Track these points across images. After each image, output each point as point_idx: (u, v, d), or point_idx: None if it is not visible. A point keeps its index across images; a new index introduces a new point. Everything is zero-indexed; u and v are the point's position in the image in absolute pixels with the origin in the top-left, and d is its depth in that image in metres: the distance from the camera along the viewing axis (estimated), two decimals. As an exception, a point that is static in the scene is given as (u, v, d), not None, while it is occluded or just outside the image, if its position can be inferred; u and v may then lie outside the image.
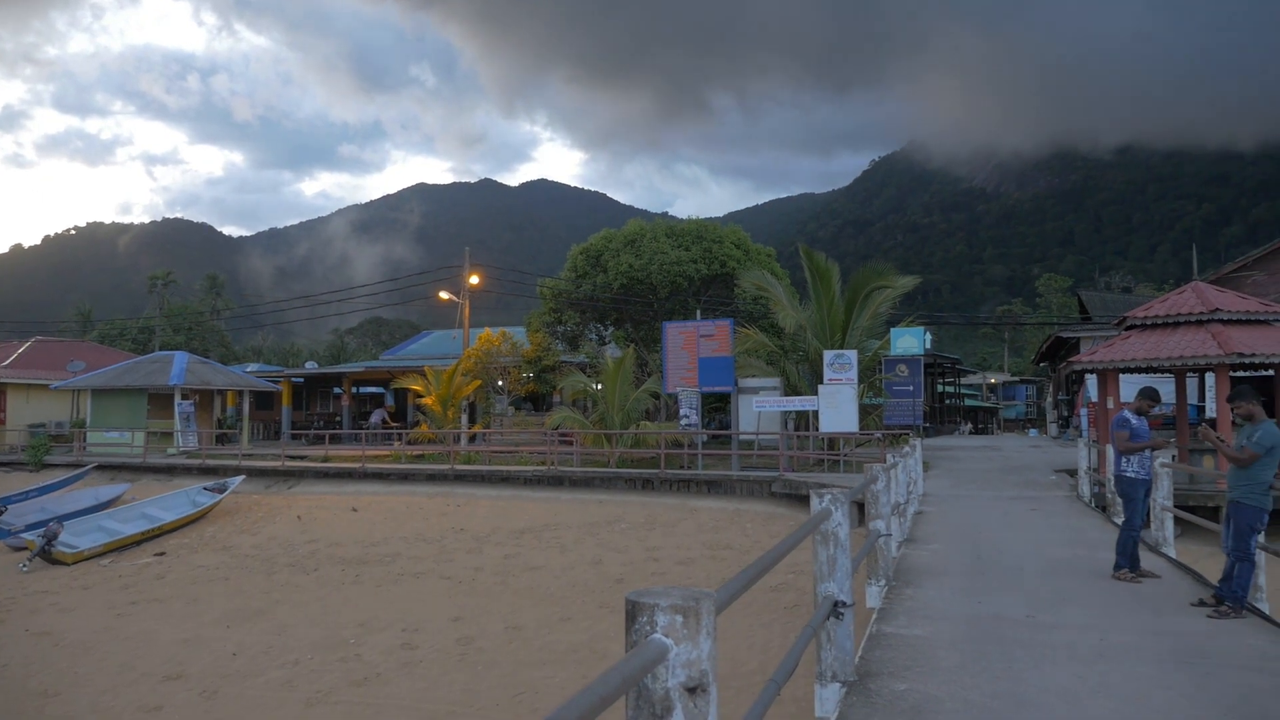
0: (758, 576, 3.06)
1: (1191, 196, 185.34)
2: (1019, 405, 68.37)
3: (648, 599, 2.18)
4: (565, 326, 34.01)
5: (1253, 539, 6.83)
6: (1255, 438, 6.83)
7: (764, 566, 3.21)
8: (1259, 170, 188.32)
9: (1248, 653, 5.75)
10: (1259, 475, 6.82)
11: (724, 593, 2.60)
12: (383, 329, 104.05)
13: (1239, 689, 5.00)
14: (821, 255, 24.56)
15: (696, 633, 2.16)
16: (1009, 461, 23.48)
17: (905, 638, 6.20)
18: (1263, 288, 27.06)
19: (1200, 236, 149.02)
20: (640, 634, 2.17)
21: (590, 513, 20.59)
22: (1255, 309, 16.32)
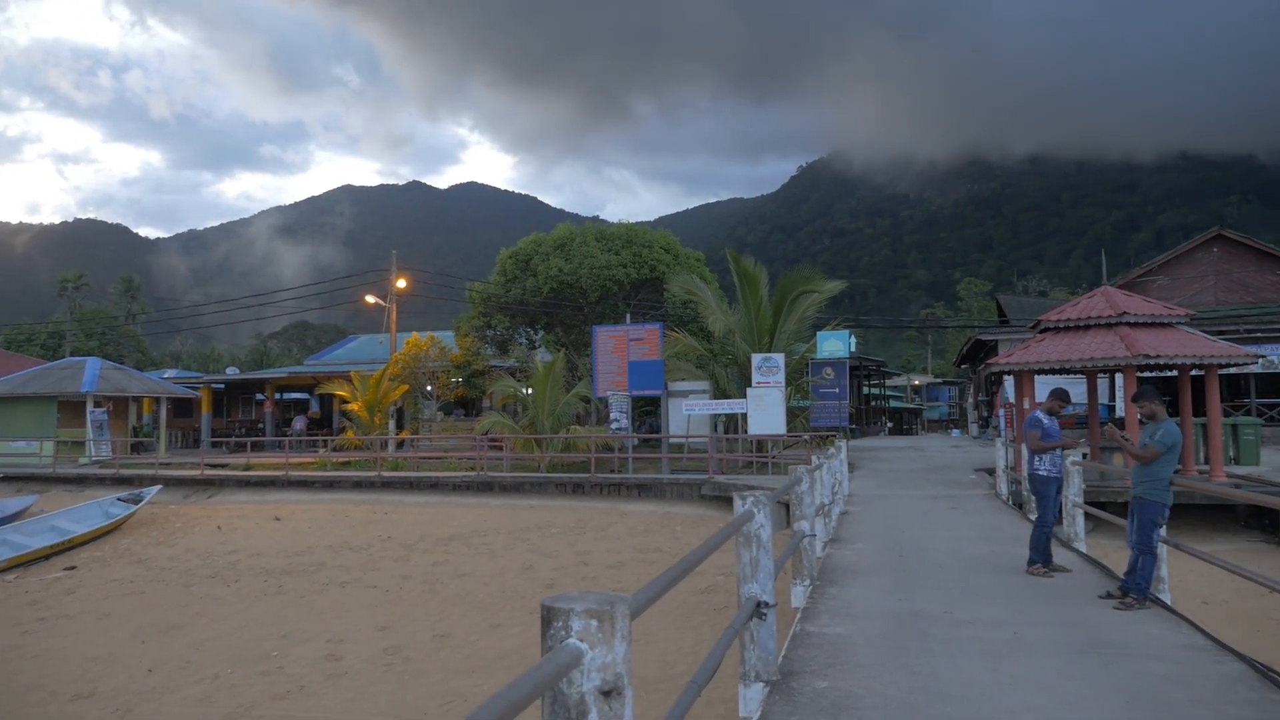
0: (676, 580, 3.09)
1: (1103, 204, 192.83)
2: (942, 406, 70.03)
3: (562, 604, 2.19)
4: (495, 331, 33.75)
5: (1155, 533, 7.13)
6: (1157, 436, 7.14)
7: (682, 570, 3.24)
8: (1165, 179, 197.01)
9: (1149, 642, 6.00)
10: (1160, 472, 7.12)
11: (640, 597, 2.63)
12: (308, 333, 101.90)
13: (1140, 677, 5.22)
14: (749, 260, 24.85)
15: (611, 637, 2.18)
16: (931, 461, 24.05)
17: (828, 636, 6.31)
18: (1167, 291, 28.30)
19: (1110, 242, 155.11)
20: (555, 639, 2.18)
21: (520, 518, 20.47)
22: (1159, 312, 17.02)
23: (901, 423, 59.94)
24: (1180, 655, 5.66)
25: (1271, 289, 29.52)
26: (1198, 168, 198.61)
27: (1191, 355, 15.95)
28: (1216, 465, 16.61)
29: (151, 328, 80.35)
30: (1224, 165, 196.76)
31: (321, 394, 35.68)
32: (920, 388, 73.75)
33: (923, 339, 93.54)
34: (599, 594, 2.25)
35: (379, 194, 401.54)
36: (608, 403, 24.44)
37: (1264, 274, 29.72)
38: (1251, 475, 17.31)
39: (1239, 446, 19.31)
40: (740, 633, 5.06)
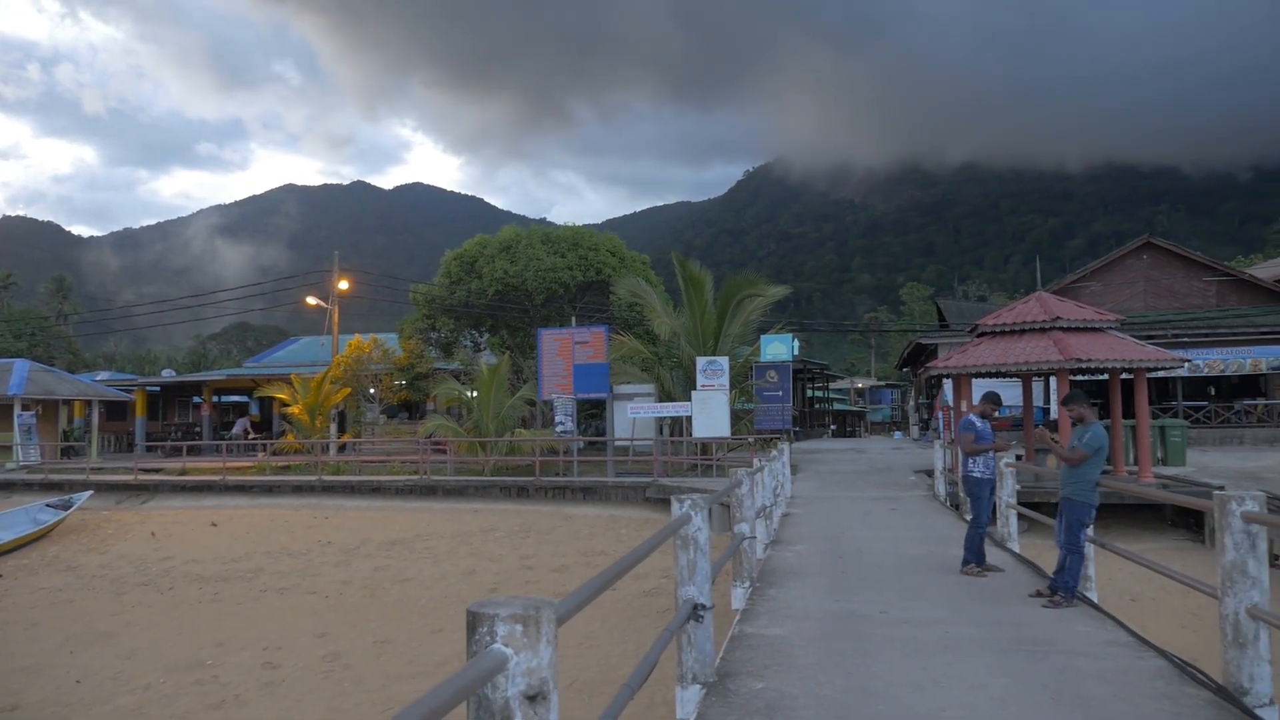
0: (607, 585, 3.10)
1: (1040, 211, 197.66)
2: (885, 409, 71.10)
3: (488, 609, 2.19)
4: (439, 333, 33.46)
5: (1082, 533, 7.33)
6: (1085, 439, 7.34)
7: (614, 574, 3.26)
8: (1099, 188, 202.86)
9: (1075, 639, 6.18)
10: (1088, 474, 7.33)
11: (568, 602, 2.64)
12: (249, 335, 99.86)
13: (1065, 672, 5.37)
14: (695, 264, 25.00)
15: (537, 641, 2.19)
16: (873, 463, 24.42)
17: (766, 637, 6.38)
18: (1099, 297, 29.11)
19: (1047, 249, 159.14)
20: (480, 644, 2.18)
21: (464, 522, 20.31)
22: (1091, 317, 17.51)
23: (845, 425, 60.72)
24: (1104, 651, 5.84)
25: (1198, 295, 30.55)
26: (1129, 178, 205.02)
27: (1121, 359, 16.43)
28: (1145, 466, 17.12)
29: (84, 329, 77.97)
30: (1153, 175, 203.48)
31: (261, 397, 34.98)
32: (864, 390, 74.83)
33: (866, 342, 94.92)
34: (525, 599, 2.25)
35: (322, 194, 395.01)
36: (553, 405, 24.37)
37: (1191, 281, 30.75)
38: (1178, 476, 17.87)
39: (1167, 448, 19.92)
40: (678, 635, 5.09)
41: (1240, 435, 26.07)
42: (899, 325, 77.06)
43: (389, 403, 34.20)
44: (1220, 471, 18.73)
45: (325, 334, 36.80)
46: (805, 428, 42.52)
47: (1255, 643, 4.68)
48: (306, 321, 64.57)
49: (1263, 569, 4.69)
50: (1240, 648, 4.71)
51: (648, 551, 3.98)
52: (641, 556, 3.80)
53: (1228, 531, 4.73)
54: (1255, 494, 4.79)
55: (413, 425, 31.90)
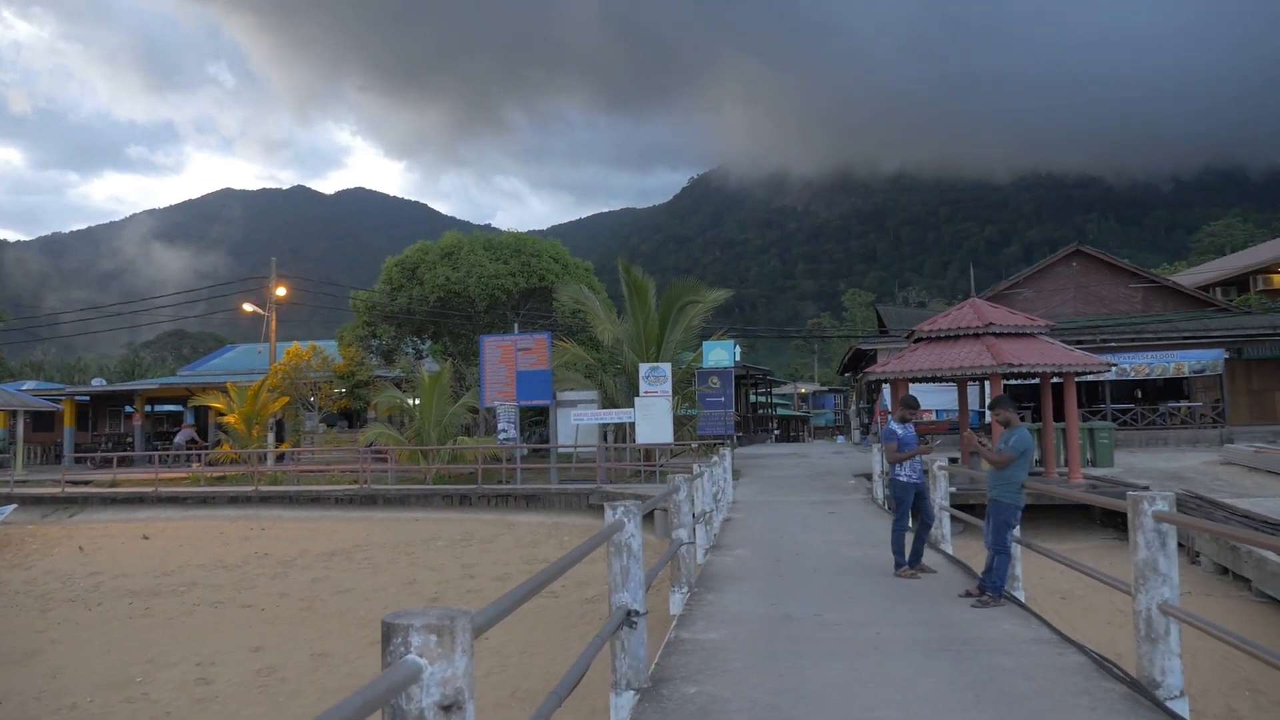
0: (531, 593, 3.11)
1: (976, 219, 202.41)
2: (828, 413, 72.01)
3: (402, 620, 2.19)
4: (380, 340, 33.06)
5: (1008, 534, 7.53)
6: (1011, 442, 7.54)
7: (540, 583, 3.26)
8: (1033, 197, 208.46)
9: (1001, 637, 6.34)
10: (1014, 476, 7.53)
11: (487, 613, 2.64)
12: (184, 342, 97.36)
13: (989, 670, 5.50)
14: (638, 270, 25.08)
15: (452, 651, 2.19)
16: (814, 468, 24.71)
17: (701, 642, 6.43)
18: (1031, 303, 29.89)
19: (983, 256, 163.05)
20: (394, 655, 2.17)
21: (405, 531, 20.08)
22: (1022, 323, 17.97)
23: (789, 430, 61.36)
24: (1028, 649, 6.00)
25: (1124, 301, 31.53)
26: (1061, 187, 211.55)
27: (1051, 364, 16.89)
28: (1075, 467, 17.62)
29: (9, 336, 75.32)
30: (1082, 185, 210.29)
31: (196, 406, 34.14)
32: (807, 395, 75.68)
33: (810, 348, 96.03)
34: (440, 609, 2.25)
35: (261, 198, 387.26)
36: (496, 413, 24.24)
37: (1118, 287, 31.73)
38: (1107, 476, 18.42)
39: (1095, 449, 20.52)
40: (611, 642, 5.11)
41: (1165, 437, 26.95)
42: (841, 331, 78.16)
43: (329, 411, 33.67)
44: (1146, 472, 19.34)
45: (263, 341, 36.10)
46: (748, 433, 42.85)
47: (1166, 637, 4.85)
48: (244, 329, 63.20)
49: (1173, 566, 4.87)
50: (1152, 642, 4.88)
51: (575, 560, 3.99)
52: (569, 565, 3.81)
53: (1140, 531, 4.91)
54: (1165, 494, 4.97)
55: (353, 434, 31.46)
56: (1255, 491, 16.56)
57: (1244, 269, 46.15)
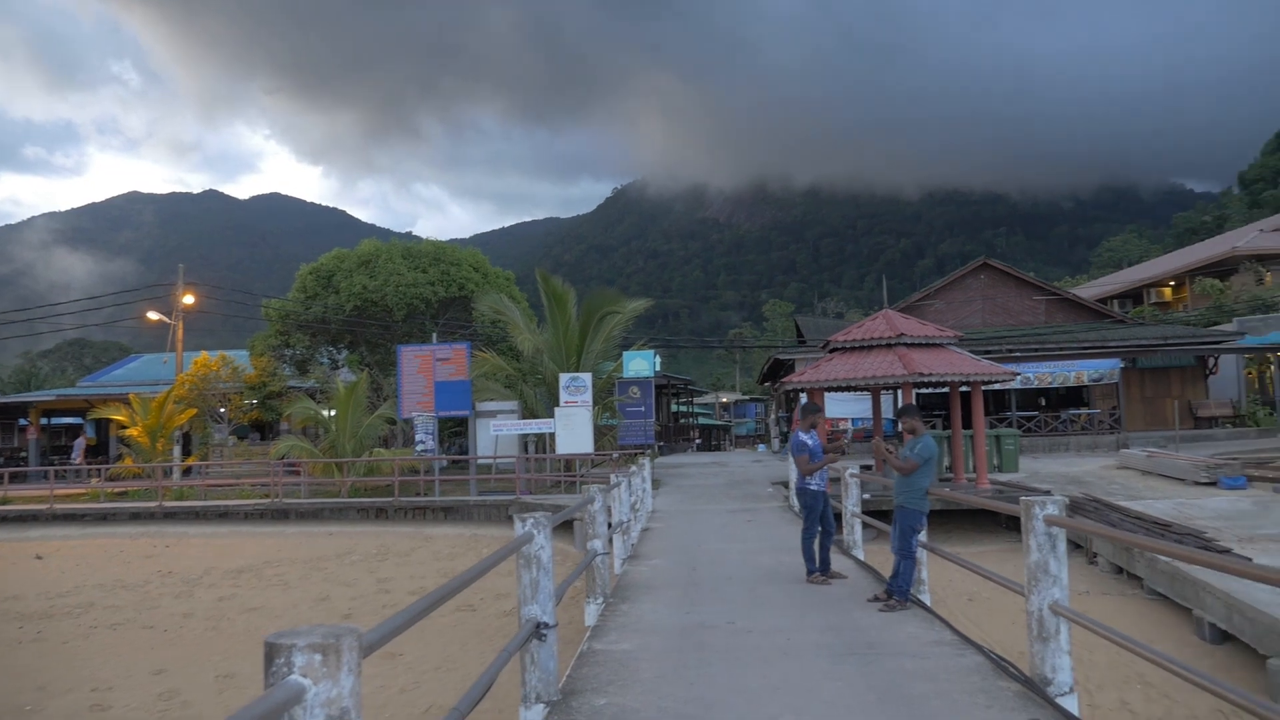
0: (429, 609, 3.07)
1: (892, 232, 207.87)
2: (750, 422, 72.78)
3: (285, 639, 2.15)
4: (294, 350, 32.27)
5: (914, 539, 7.73)
6: (916, 449, 7.75)
7: (439, 598, 3.23)
8: (946, 211, 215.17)
9: (905, 641, 6.50)
10: (919, 483, 7.74)
11: (380, 630, 2.60)
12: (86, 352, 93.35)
13: (892, 673, 5.64)
14: (558, 279, 25.02)
15: (337, 671, 2.15)
16: (733, 477, 24.95)
17: (614, 653, 6.43)
18: (942, 314, 30.79)
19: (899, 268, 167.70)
20: (277, 676, 2.13)
21: (318, 546, 19.61)
22: (932, 334, 18.49)
23: (711, 439, 61.87)
24: (930, 651, 6.17)
25: (1029, 313, 32.73)
26: (969, 203, 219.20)
27: (959, 373, 17.41)
28: (982, 472, 18.17)
29: (-108, 346, 71.11)
30: (990, 201, 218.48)
31: (96, 419, 32.74)
32: (729, 404, 76.44)
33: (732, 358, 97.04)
34: (326, 627, 2.22)
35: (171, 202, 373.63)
36: (414, 424, 23.87)
37: (1023, 299, 32.93)
38: (1012, 481, 19.04)
39: (1002, 455, 21.20)
40: (521, 655, 5.08)
41: (1067, 443, 28.03)
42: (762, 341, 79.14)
43: (239, 423, 32.69)
44: (1048, 476, 20.07)
45: (169, 351, 34.87)
46: (670, 442, 43.09)
47: (1057, 636, 5.04)
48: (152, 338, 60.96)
49: (1063, 568, 5.07)
50: (1044, 641, 5.07)
51: (480, 573, 3.96)
52: (472, 579, 3.78)
53: (1032, 534, 5.10)
54: (1055, 499, 5.18)
55: (265, 446, 30.58)
56: (1147, 494, 17.33)
57: (1138, 283, 48.45)
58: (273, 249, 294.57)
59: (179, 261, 37.02)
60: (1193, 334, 31.19)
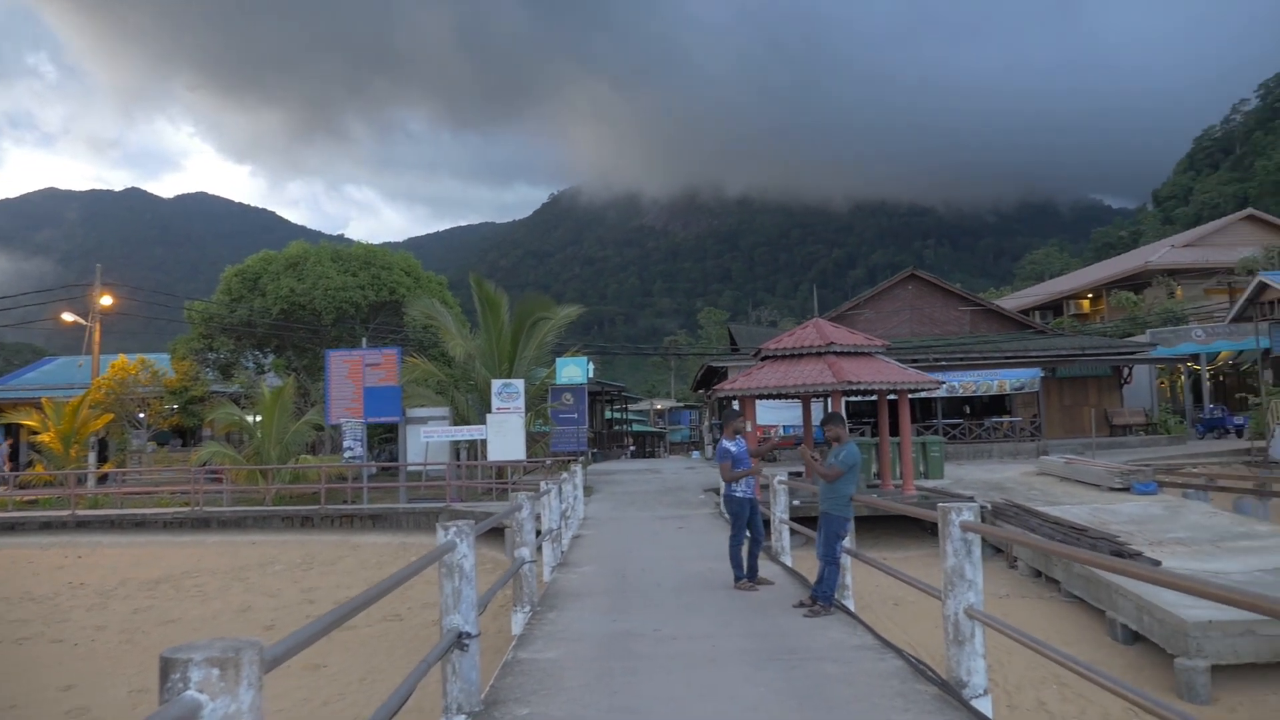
0: (340, 621, 3.01)
1: (825, 242, 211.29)
2: (684, 429, 73.10)
3: (181, 654, 2.08)
4: (218, 354, 31.43)
5: (838, 545, 7.84)
6: (840, 457, 7.88)
7: (353, 609, 3.16)
8: (877, 222, 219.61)
9: (828, 645, 6.59)
10: (843, 489, 7.86)
11: (286, 643, 2.54)
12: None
13: (814, 678, 5.71)
14: (490, 285, 24.83)
15: (236, 686, 2.09)
16: (666, 483, 25.03)
17: (539, 662, 6.38)
18: (871, 324, 31.37)
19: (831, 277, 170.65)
20: (172, 692, 2.06)
21: (241, 555, 19.10)
22: (861, 342, 18.83)
23: (645, 446, 61.96)
24: (851, 655, 6.26)
25: (955, 323, 33.55)
26: (897, 214, 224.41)
27: (887, 382, 17.75)
28: (908, 479, 18.54)
29: None
30: (919, 213, 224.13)
31: (7, 424, 31.40)
32: (664, 411, 76.67)
33: (667, 365, 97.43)
34: (225, 640, 2.15)
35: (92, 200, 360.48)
36: (342, 430, 23.43)
37: (949, 310, 33.74)
38: (938, 488, 19.46)
39: (928, 462, 21.66)
40: (443, 665, 5.01)
41: (990, 450, 28.77)
42: (696, 349, 79.62)
43: (159, 429, 31.68)
44: (972, 483, 20.57)
45: (86, 354, 33.63)
46: (603, 449, 43.04)
47: (972, 640, 5.16)
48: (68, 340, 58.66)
49: (978, 572, 5.19)
50: (960, 645, 5.18)
51: (398, 583, 3.90)
52: (390, 588, 3.72)
53: (949, 540, 5.21)
54: (971, 505, 5.30)
55: (186, 453, 29.70)
56: (1065, 499, 17.88)
57: (1058, 295, 50.02)
58: (198, 250, 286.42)
59: (99, 261, 35.75)
60: (1108, 345, 32.32)
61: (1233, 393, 36.20)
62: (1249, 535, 14.05)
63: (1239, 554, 12.87)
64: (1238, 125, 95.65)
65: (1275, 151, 74.24)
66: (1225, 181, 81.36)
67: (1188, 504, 16.96)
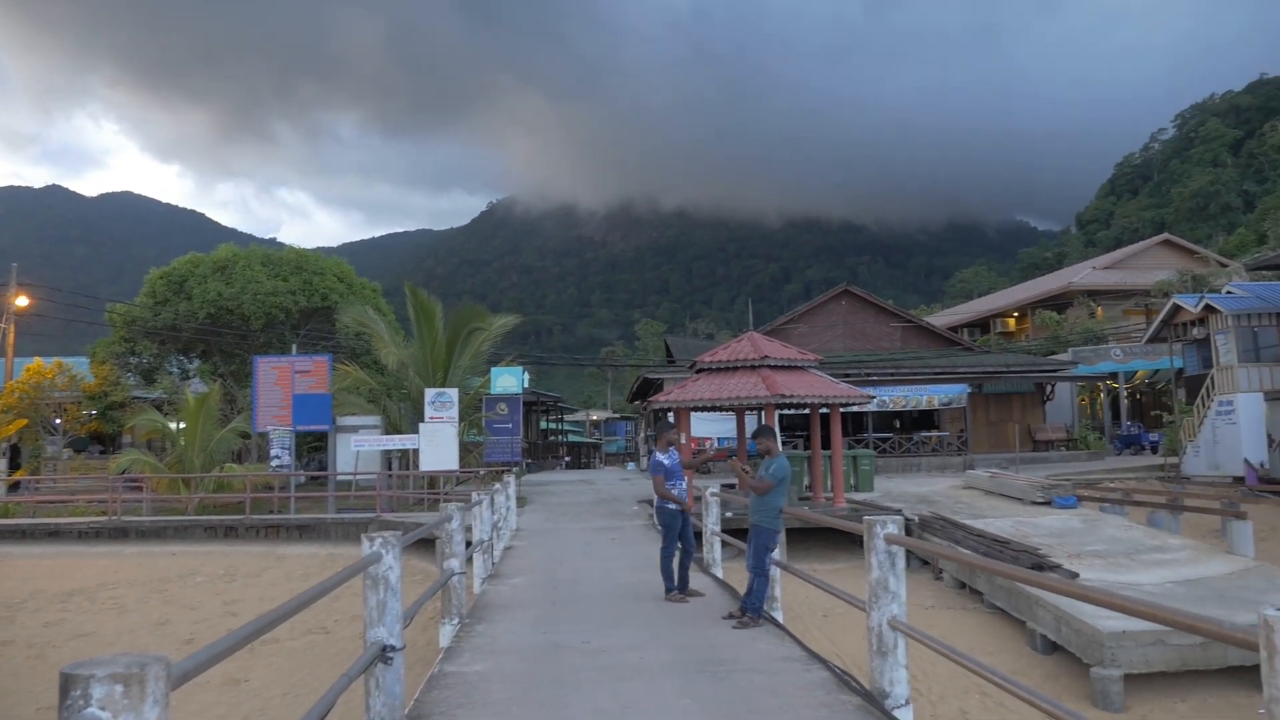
0: (256, 634, 2.93)
1: (762, 257, 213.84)
2: (620, 440, 73.15)
3: (83, 670, 2.01)
4: (140, 358, 30.48)
5: (767, 557, 7.91)
6: (770, 470, 7.96)
7: (269, 622, 3.09)
8: (813, 238, 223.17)
9: (756, 657, 6.64)
10: (773, 502, 7.94)
11: (196, 658, 2.47)
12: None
13: (742, 690, 5.74)
14: (425, 293, 24.55)
15: (141, 703, 2.02)
16: (599, 495, 24.99)
17: (465, 675, 6.31)
18: (806, 338, 31.81)
19: (768, 291, 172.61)
20: (72, 710, 1.98)
21: (160, 567, 18.52)
22: (794, 357, 19.06)
23: (581, 457, 61.83)
24: (778, 666, 6.31)
25: (886, 338, 34.22)
26: (830, 231, 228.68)
27: (819, 395, 18.01)
28: (838, 492, 18.81)
29: None
30: (852, 230, 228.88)
31: (-90, 429, 30.00)
32: (600, 422, 76.62)
33: (604, 376, 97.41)
34: (130, 656, 2.08)
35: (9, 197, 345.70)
36: (269, 438, 22.90)
37: (881, 325, 34.41)
38: (867, 500, 19.79)
39: (858, 475, 22.01)
40: (366, 680, 4.92)
41: (919, 463, 29.38)
42: (633, 360, 79.78)
43: (76, 435, 30.57)
44: (901, 495, 20.96)
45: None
46: (538, 460, 42.82)
47: (895, 650, 5.25)
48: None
49: (901, 584, 5.29)
50: (883, 655, 5.27)
51: (320, 594, 3.82)
52: (310, 601, 3.64)
53: (874, 552, 5.30)
54: (896, 518, 5.41)
55: (105, 460, 28.69)
56: (990, 512, 18.34)
57: (986, 313, 51.42)
58: (123, 251, 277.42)
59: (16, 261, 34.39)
60: (1032, 363, 33.31)
61: (1149, 410, 37.62)
62: (1161, 548, 14.58)
63: (1152, 566, 13.35)
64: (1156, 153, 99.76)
65: (1190, 179, 77.51)
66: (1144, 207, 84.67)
67: (1105, 518, 17.53)
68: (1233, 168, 79.22)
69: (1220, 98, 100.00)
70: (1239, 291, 25.25)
